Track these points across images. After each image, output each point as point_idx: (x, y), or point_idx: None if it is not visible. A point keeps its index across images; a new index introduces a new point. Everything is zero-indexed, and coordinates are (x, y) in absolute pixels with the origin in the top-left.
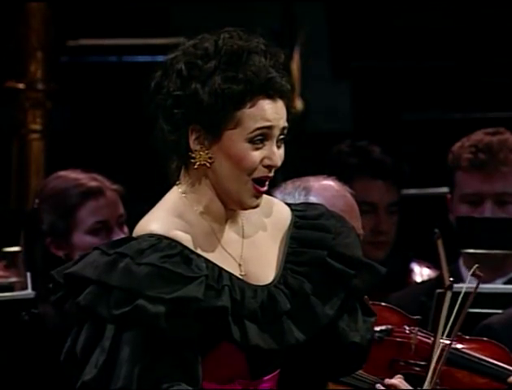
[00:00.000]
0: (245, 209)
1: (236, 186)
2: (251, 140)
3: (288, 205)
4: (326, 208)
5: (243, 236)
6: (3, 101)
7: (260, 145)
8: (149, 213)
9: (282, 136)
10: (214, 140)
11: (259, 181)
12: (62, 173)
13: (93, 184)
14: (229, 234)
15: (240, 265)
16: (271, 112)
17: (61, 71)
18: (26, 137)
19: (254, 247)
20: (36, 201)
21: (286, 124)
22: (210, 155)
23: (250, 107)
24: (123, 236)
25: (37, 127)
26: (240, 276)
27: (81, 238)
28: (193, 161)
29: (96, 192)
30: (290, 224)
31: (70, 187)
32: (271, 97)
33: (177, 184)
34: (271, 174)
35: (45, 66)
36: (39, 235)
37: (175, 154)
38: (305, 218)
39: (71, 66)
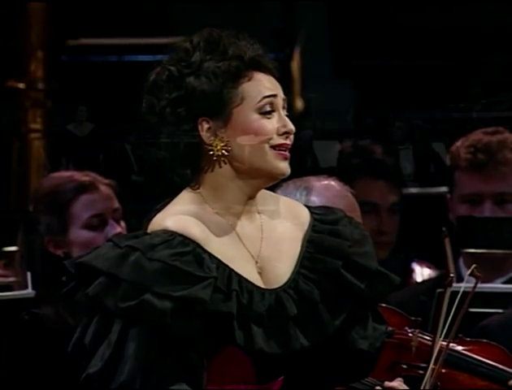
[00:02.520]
0: (278, 177)
1: (260, 158)
2: (260, 111)
3: (308, 207)
4: (344, 213)
5: (262, 235)
6: (3, 100)
7: (269, 116)
8: (165, 209)
9: (285, 111)
10: (225, 123)
11: (279, 149)
12: (55, 174)
13: (86, 178)
14: (248, 231)
15: (257, 262)
16: (269, 83)
17: (61, 70)
18: (26, 137)
19: (272, 246)
20: (31, 204)
21: (284, 97)
22: (225, 142)
23: (249, 81)
24: (119, 229)
25: (37, 126)
26: (252, 278)
27: (78, 233)
28: (210, 153)
29: (89, 186)
30: (309, 227)
31: (62, 184)
32: (262, 71)
33: (192, 185)
34: (289, 141)
35: (46, 65)
36: (37, 236)
37: (193, 154)
38: (324, 223)
39: (71, 65)
